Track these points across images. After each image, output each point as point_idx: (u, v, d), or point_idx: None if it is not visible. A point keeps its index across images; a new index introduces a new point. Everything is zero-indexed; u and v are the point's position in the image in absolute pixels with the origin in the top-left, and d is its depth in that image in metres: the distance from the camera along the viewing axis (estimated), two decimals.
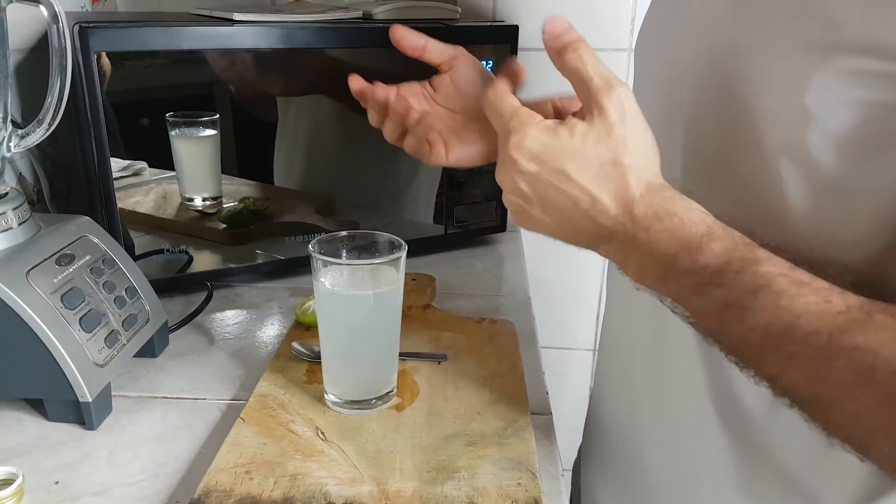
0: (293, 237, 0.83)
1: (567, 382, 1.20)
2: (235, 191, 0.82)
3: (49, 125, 0.55)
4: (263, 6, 0.81)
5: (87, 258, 0.58)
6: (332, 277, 0.55)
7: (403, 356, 0.61)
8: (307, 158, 0.85)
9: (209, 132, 0.76)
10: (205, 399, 0.59)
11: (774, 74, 0.38)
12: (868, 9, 0.34)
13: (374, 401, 0.55)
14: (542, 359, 0.66)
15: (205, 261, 0.80)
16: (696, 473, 0.50)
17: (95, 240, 0.60)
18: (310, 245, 0.54)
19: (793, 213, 0.39)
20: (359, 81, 0.55)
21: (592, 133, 0.40)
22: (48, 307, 0.51)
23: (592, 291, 1.19)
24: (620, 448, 0.58)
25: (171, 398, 0.59)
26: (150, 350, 0.63)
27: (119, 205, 0.72)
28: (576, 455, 0.72)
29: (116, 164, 0.72)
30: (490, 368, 0.61)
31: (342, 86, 0.56)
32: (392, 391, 0.57)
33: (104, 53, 0.65)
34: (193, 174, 0.81)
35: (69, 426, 0.54)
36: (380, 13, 0.84)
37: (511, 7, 1.00)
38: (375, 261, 0.55)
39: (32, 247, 0.54)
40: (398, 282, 0.55)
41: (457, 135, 0.54)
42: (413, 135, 0.54)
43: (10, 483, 0.46)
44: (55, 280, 0.53)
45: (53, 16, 0.52)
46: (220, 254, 0.81)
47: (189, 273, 0.78)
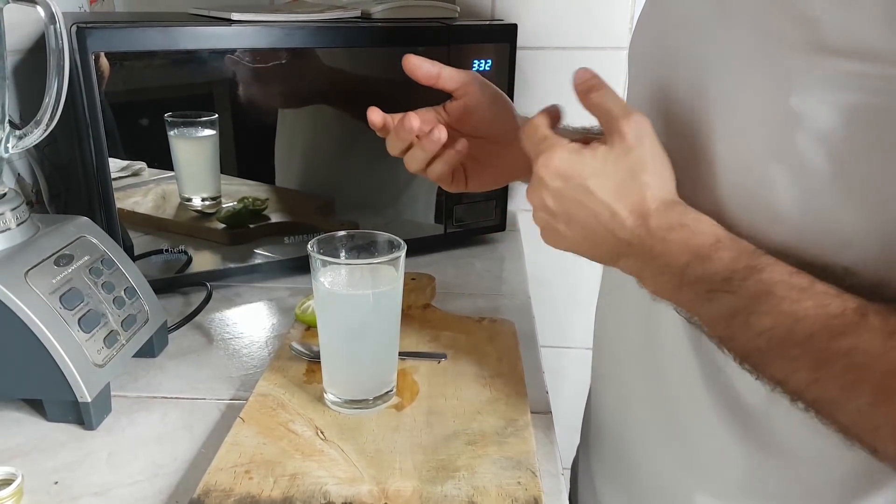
0: (292, 237, 0.83)
1: (566, 381, 1.19)
2: (234, 191, 0.82)
3: (47, 126, 0.55)
4: (261, 6, 0.81)
5: (86, 259, 0.58)
6: (332, 277, 0.54)
7: (403, 355, 0.61)
8: (306, 158, 0.85)
9: (208, 132, 0.76)
10: (204, 399, 0.59)
11: (759, 77, 0.39)
12: (846, 9, 0.35)
13: (374, 400, 0.55)
14: (542, 358, 0.66)
15: (204, 261, 0.80)
16: (698, 468, 0.50)
17: (94, 240, 0.60)
18: (309, 244, 0.54)
19: (783, 215, 0.40)
20: (378, 114, 0.56)
21: (612, 154, 0.43)
22: (47, 308, 0.51)
23: (592, 291, 1.18)
24: (617, 445, 0.58)
25: (171, 398, 0.59)
26: (150, 350, 0.63)
27: (118, 205, 0.72)
28: (574, 453, 0.72)
29: (115, 165, 0.72)
30: (490, 368, 0.61)
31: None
32: (392, 390, 0.56)
33: (102, 54, 0.65)
34: (192, 174, 0.81)
35: (68, 426, 0.54)
36: (378, 12, 0.84)
37: (510, 6, 1.00)
38: (374, 260, 0.55)
39: (31, 247, 0.54)
40: (397, 281, 0.55)
41: (473, 159, 0.58)
42: (444, 161, 0.56)
43: (10, 483, 0.46)
44: (54, 280, 0.53)
45: (51, 16, 0.52)
46: (220, 254, 0.81)
47: (188, 273, 0.78)
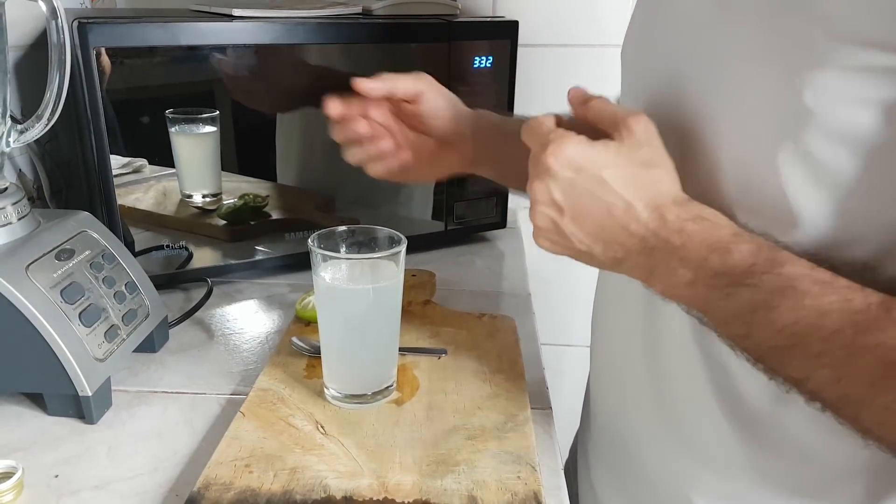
0: (293, 234, 0.83)
1: (565, 379, 1.19)
2: (235, 187, 0.82)
3: (48, 120, 0.55)
4: (263, 2, 0.81)
5: (87, 253, 0.58)
6: (332, 272, 0.55)
7: (403, 351, 0.61)
8: (307, 155, 0.85)
9: (209, 129, 0.76)
10: (204, 394, 0.59)
11: (769, 75, 0.38)
12: (858, 2, 0.34)
13: (374, 395, 0.55)
14: (542, 355, 0.66)
15: (205, 257, 0.80)
16: (699, 465, 0.50)
17: (95, 235, 0.60)
18: (309, 239, 0.54)
19: (797, 215, 0.39)
20: (337, 107, 0.59)
21: (624, 148, 0.42)
22: (48, 302, 0.51)
23: (592, 289, 1.18)
24: (617, 441, 0.58)
25: (171, 393, 0.59)
26: (150, 345, 0.63)
27: (119, 201, 0.72)
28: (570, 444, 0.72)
29: (116, 162, 0.72)
30: (490, 363, 0.61)
31: (341, 92, 0.58)
32: (392, 385, 0.57)
33: (104, 50, 0.65)
34: (193, 171, 0.81)
35: (69, 420, 0.54)
36: (379, 9, 0.84)
37: (511, 3, 1.00)
38: (375, 255, 0.55)
39: (32, 242, 0.54)
40: (398, 276, 0.55)
41: (421, 156, 0.63)
42: (384, 165, 0.62)
43: (10, 477, 0.46)
44: (55, 275, 0.53)
45: (52, 11, 0.52)
46: (220, 250, 0.81)
47: (189, 269, 0.78)
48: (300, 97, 0.80)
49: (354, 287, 0.55)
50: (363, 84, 0.57)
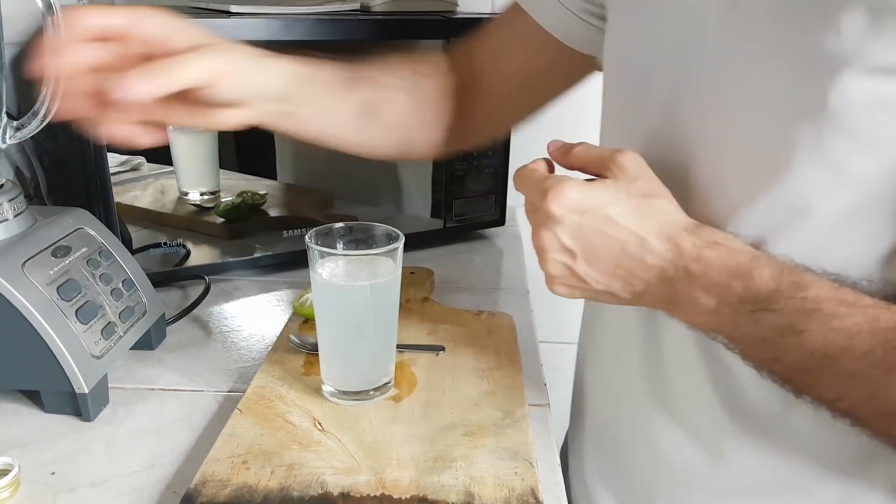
0: (291, 231, 0.83)
1: (563, 376, 1.19)
2: (233, 185, 0.82)
3: (45, 117, 0.54)
4: None
5: (84, 250, 0.58)
6: (329, 268, 0.54)
7: (401, 348, 0.61)
8: (305, 153, 0.85)
9: None
10: (202, 391, 0.59)
11: (783, 79, 0.38)
12: (870, 23, 0.34)
13: (372, 392, 0.55)
14: (540, 353, 0.66)
15: (202, 255, 0.80)
16: (699, 459, 0.50)
17: (92, 232, 0.60)
18: (307, 236, 0.53)
19: (806, 205, 0.39)
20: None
21: (621, 183, 0.41)
22: (44, 298, 0.51)
23: None
24: (607, 437, 0.58)
25: (169, 390, 0.59)
26: (148, 342, 0.63)
27: (117, 199, 0.72)
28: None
29: (115, 160, 0.72)
30: (488, 360, 0.61)
31: None
32: (390, 382, 0.56)
33: None
34: (191, 169, 0.81)
35: (66, 418, 0.54)
36: (377, 5, 0.84)
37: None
38: (372, 251, 0.55)
39: (28, 238, 0.54)
40: (395, 273, 0.55)
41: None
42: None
43: (6, 474, 0.46)
44: (51, 272, 0.53)
45: (48, 7, 0.52)
46: (218, 248, 0.81)
47: (186, 267, 0.78)
48: None
49: (352, 284, 0.55)
50: (125, 91, 0.42)
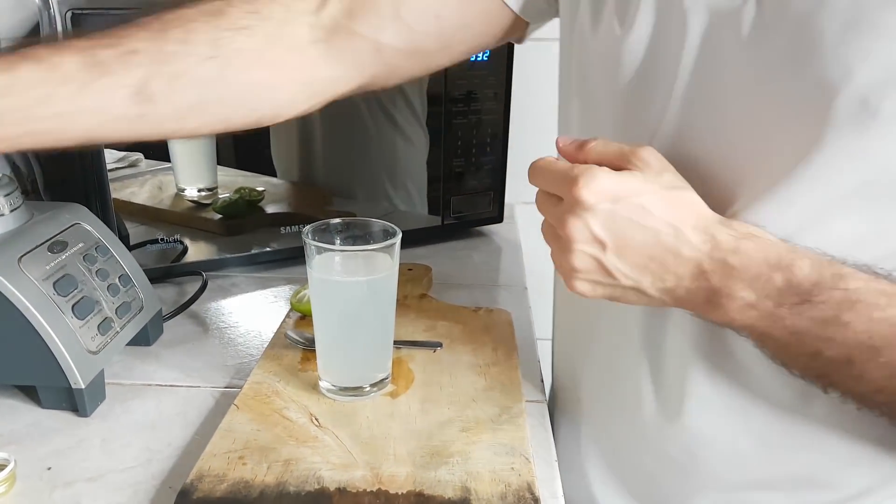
0: (288, 228, 0.83)
1: None
2: (231, 181, 0.82)
3: None
4: None
5: (80, 245, 0.57)
6: (326, 264, 0.54)
7: (399, 344, 0.61)
8: (303, 150, 0.85)
9: None
10: (199, 387, 0.59)
11: (800, 92, 0.38)
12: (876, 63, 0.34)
13: (369, 388, 0.55)
14: (538, 349, 0.66)
15: (200, 251, 0.79)
16: (721, 455, 0.50)
17: (88, 227, 0.60)
18: (303, 231, 0.53)
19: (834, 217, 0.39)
20: None
21: (648, 176, 0.40)
22: (40, 294, 0.51)
23: None
24: (609, 444, 0.57)
25: (165, 386, 0.59)
26: (144, 338, 0.63)
27: (114, 195, 0.72)
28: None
29: (112, 156, 0.72)
30: (485, 356, 0.61)
31: None
32: (387, 378, 0.56)
33: None
34: (189, 165, 0.81)
35: (62, 413, 0.54)
36: None
37: None
38: (369, 247, 0.55)
39: (24, 233, 0.54)
40: (392, 269, 0.54)
41: None
42: None
43: (2, 469, 0.46)
44: (47, 267, 0.53)
45: (44, 1, 0.52)
46: (215, 244, 0.81)
47: (184, 263, 0.78)
48: None
49: (349, 280, 0.55)
50: None
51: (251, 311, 0.73)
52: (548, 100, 0.66)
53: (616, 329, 0.55)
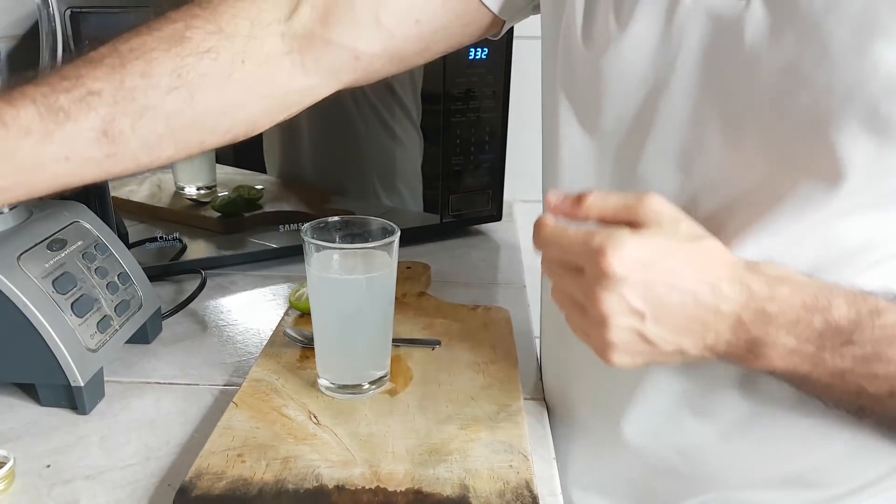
0: (287, 226, 0.83)
1: None
2: (230, 180, 0.82)
3: None
4: None
5: (79, 244, 0.57)
6: (325, 262, 0.54)
7: (397, 342, 0.61)
8: (302, 148, 0.85)
9: None
10: (197, 385, 0.59)
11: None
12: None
13: (367, 385, 0.55)
14: (536, 346, 0.66)
15: (198, 249, 0.80)
16: (723, 455, 0.50)
17: (87, 225, 0.60)
18: (302, 229, 0.54)
19: (841, 164, 0.38)
20: None
21: (668, 230, 0.38)
22: (39, 291, 0.51)
23: None
24: (609, 451, 0.57)
25: (164, 384, 0.59)
26: (143, 336, 0.63)
27: (113, 193, 0.72)
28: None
29: None
30: (484, 354, 0.61)
31: None
32: (385, 376, 0.56)
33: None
34: (188, 163, 0.81)
35: (61, 411, 0.54)
36: None
37: None
38: (367, 245, 0.55)
39: (24, 231, 0.54)
40: (391, 266, 0.55)
41: None
42: None
43: (1, 466, 0.46)
44: (46, 265, 0.53)
45: (44, 0, 0.52)
46: (214, 242, 0.81)
47: (183, 261, 0.78)
48: None
49: (347, 277, 0.55)
50: None
51: (250, 309, 0.73)
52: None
53: None
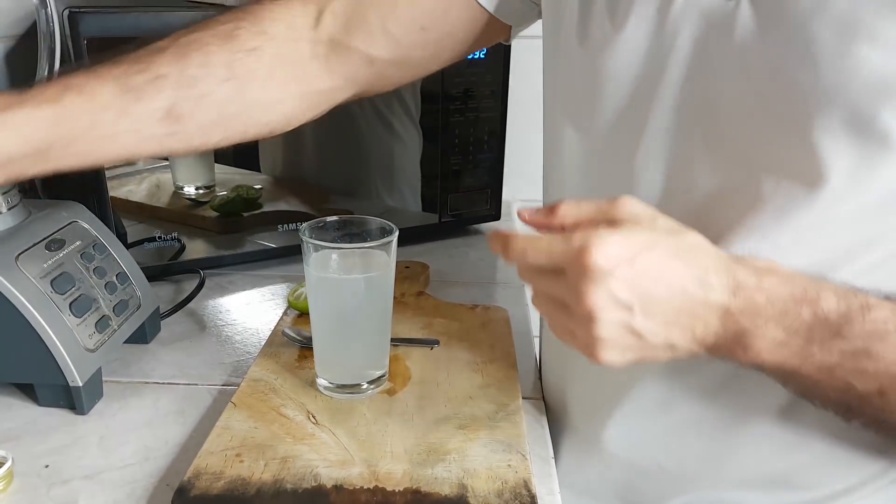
0: (285, 226, 0.83)
1: None
2: (228, 179, 0.82)
3: None
4: None
5: (78, 244, 0.57)
6: (323, 262, 0.54)
7: (396, 342, 0.61)
8: (301, 148, 0.85)
9: None
10: (196, 385, 0.59)
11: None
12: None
13: (366, 385, 0.55)
14: (535, 346, 0.66)
15: (197, 249, 0.80)
16: (714, 454, 0.50)
17: (86, 225, 0.60)
18: (300, 229, 0.54)
19: (822, 167, 0.38)
20: None
21: (645, 225, 0.38)
22: (38, 291, 0.51)
23: None
24: (597, 450, 0.57)
25: (163, 384, 0.59)
26: (142, 336, 0.63)
27: (112, 193, 0.72)
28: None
29: None
30: (482, 354, 0.61)
31: None
32: (384, 376, 0.56)
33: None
34: (187, 163, 0.81)
35: (60, 411, 0.54)
36: None
37: None
38: (366, 244, 0.55)
39: (22, 231, 0.54)
40: (389, 266, 0.55)
41: None
42: None
43: (0, 466, 0.46)
44: (45, 265, 0.53)
45: (42, 0, 0.52)
46: (213, 242, 0.81)
47: (181, 261, 0.78)
48: None
49: (345, 277, 0.55)
50: None
51: (248, 309, 0.73)
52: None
53: None
